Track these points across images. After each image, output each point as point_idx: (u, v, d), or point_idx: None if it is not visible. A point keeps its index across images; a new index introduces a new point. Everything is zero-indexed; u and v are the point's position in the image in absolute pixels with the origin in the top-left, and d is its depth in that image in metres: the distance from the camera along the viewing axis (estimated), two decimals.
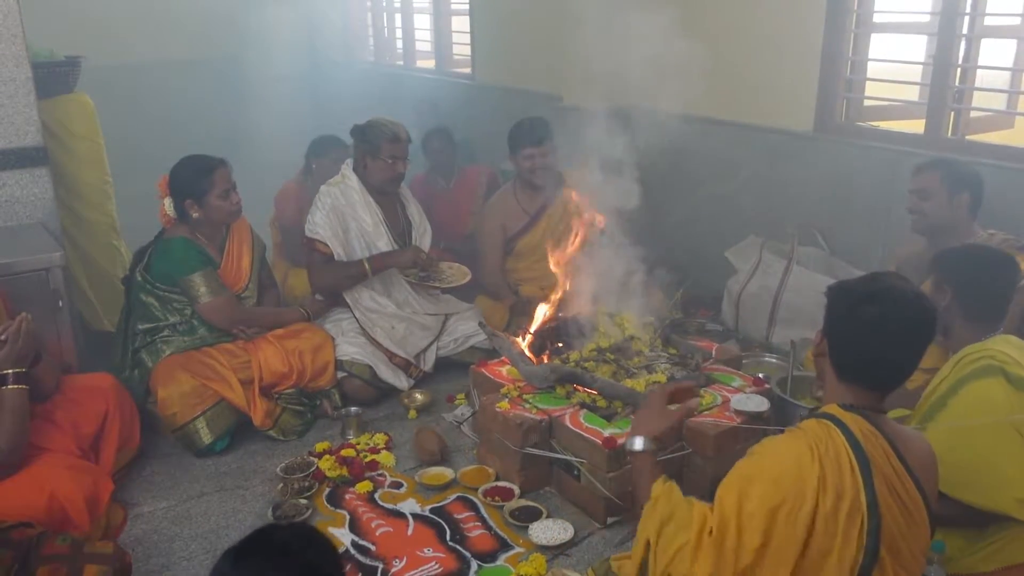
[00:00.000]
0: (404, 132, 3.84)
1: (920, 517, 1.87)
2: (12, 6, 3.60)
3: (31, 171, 3.74)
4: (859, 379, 1.91)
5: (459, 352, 3.96)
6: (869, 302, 1.87)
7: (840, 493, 1.77)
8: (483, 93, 6.19)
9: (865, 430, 1.85)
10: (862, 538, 1.77)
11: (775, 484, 1.79)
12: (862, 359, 1.90)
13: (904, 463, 1.86)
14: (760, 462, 1.86)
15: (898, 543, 1.82)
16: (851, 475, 1.78)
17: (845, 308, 1.92)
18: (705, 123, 4.41)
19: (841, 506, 1.76)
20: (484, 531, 2.79)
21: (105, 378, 3.13)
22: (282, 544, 1.49)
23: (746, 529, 1.79)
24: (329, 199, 3.80)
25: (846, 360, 1.92)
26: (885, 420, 1.92)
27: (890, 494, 1.81)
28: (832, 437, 1.83)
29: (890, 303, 1.85)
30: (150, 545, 2.77)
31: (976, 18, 3.53)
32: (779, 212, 4.23)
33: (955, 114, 3.64)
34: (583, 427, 2.88)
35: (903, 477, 1.85)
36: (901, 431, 1.94)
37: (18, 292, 3.13)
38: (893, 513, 1.81)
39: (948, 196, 3.13)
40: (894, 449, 1.86)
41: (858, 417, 1.87)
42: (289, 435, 3.43)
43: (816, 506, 1.76)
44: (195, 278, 3.38)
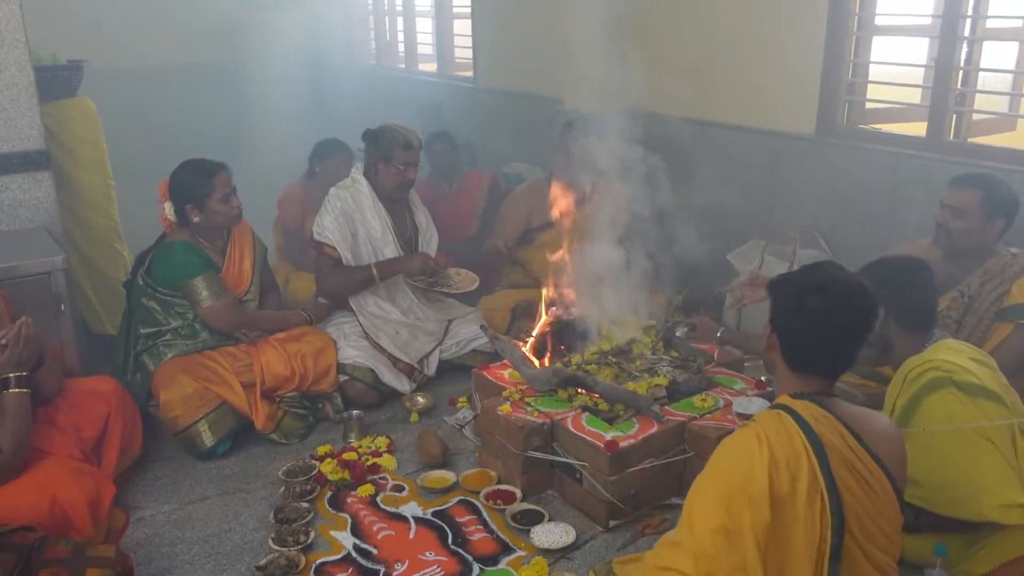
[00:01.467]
0: (416, 139, 3.83)
1: (885, 492, 1.91)
2: (15, 10, 3.61)
3: (33, 175, 3.75)
4: (810, 369, 1.99)
5: (461, 355, 3.96)
6: (815, 294, 1.93)
7: (795, 474, 1.82)
8: (485, 96, 6.20)
9: (816, 414, 1.91)
10: (826, 517, 1.82)
11: (723, 473, 1.87)
12: (812, 350, 1.97)
13: (860, 441, 1.91)
14: (714, 458, 1.94)
15: (864, 520, 1.87)
16: (806, 457, 1.84)
17: (792, 301, 1.98)
18: (707, 126, 4.41)
19: (798, 487, 1.81)
20: (486, 534, 2.79)
21: (107, 381, 3.13)
22: None
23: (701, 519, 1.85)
24: (339, 202, 3.79)
25: (797, 352, 1.99)
26: (836, 403, 1.98)
27: (849, 473, 1.87)
28: (782, 422, 1.89)
29: (835, 293, 1.92)
30: (152, 549, 2.77)
31: (978, 21, 3.53)
32: (781, 215, 4.23)
33: (957, 117, 3.64)
34: (585, 430, 2.88)
35: (860, 454, 1.90)
36: (854, 411, 1.99)
37: (20, 295, 3.13)
38: (854, 491, 1.86)
39: (983, 220, 2.94)
40: (848, 429, 1.91)
41: (808, 403, 1.94)
42: (291, 438, 3.43)
43: (771, 486, 1.80)
44: (197, 282, 3.38)
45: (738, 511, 1.80)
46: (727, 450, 1.92)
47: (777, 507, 1.80)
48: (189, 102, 7.78)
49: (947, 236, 3.02)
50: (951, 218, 2.99)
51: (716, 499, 1.84)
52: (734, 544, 1.80)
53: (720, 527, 1.82)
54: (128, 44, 7.58)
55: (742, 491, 1.81)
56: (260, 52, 7.83)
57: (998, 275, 2.92)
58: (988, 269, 2.95)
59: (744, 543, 1.79)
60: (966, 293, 2.97)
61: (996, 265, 2.95)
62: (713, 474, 1.90)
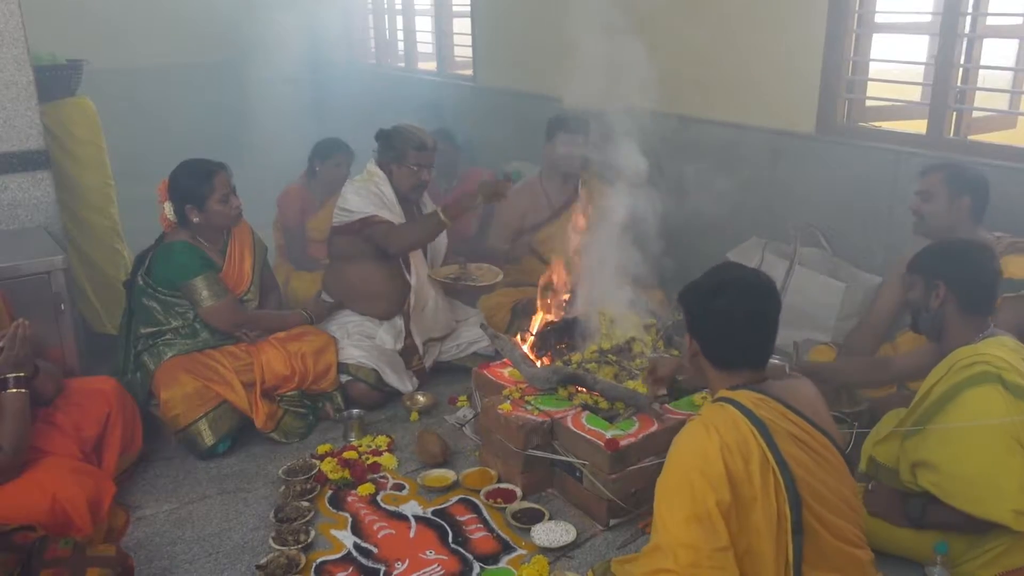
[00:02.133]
0: (431, 140, 3.80)
1: (834, 459, 2.02)
2: (14, 10, 3.60)
3: (33, 174, 3.74)
4: (734, 364, 2.10)
5: (461, 358, 3.97)
6: (716, 296, 2.07)
7: (746, 456, 1.91)
8: (485, 95, 6.19)
9: (754, 399, 2.01)
10: (781, 493, 1.90)
11: (680, 465, 1.96)
12: (729, 347, 2.10)
13: (800, 414, 2.01)
14: (669, 456, 2.03)
15: (819, 490, 1.95)
16: (753, 439, 1.93)
17: (698, 307, 2.12)
18: (706, 124, 4.41)
19: (751, 468, 1.90)
20: (486, 533, 2.79)
21: (107, 381, 3.13)
22: None
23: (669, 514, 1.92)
24: (363, 185, 3.74)
25: (716, 352, 2.12)
26: (769, 384, 2.08)
27: (797, 447, 1.96)
28: (726, 412, 1.99)
29: (734, 291, 2.06)
30: (152, 548, 2.78)
31: (978, 18, 3.52)
32: (781, 213, 4.23)
33: (957, 114, 3.63)
34: (585, 429, 2.88)
35: (804, 427, 2.00)
36: (785, 387, 2.10)
37: (20, 295, 3.13)
38: (805, 464, 1.95)
39: (948, 199, 3.10)
40: (787, 406, 2.01)
41: (746, 391, 2.04)
42: (291, 438, 3.43)
43: (727, 468, 1.88)
44: (197, 282, 3.38)
45: (702, 495, 1.87)
46: (679, 445, 2.01)
47: (735, 488, 1.88)
48: (188, 102, 7.77)
49: (921, 220, 3.20)
50: (921, 203, 3.18)
51: (679, 491, 1.91)
52: (706, 527, 1.87)
53: (690, 515, 1.88)
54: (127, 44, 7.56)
55: (701, 475, 1.88)
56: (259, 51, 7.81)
57: None
58: None
59: (715, 524, 1.86)
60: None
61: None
62: (671, 470, 1.99)
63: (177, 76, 7.86)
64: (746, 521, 1.89)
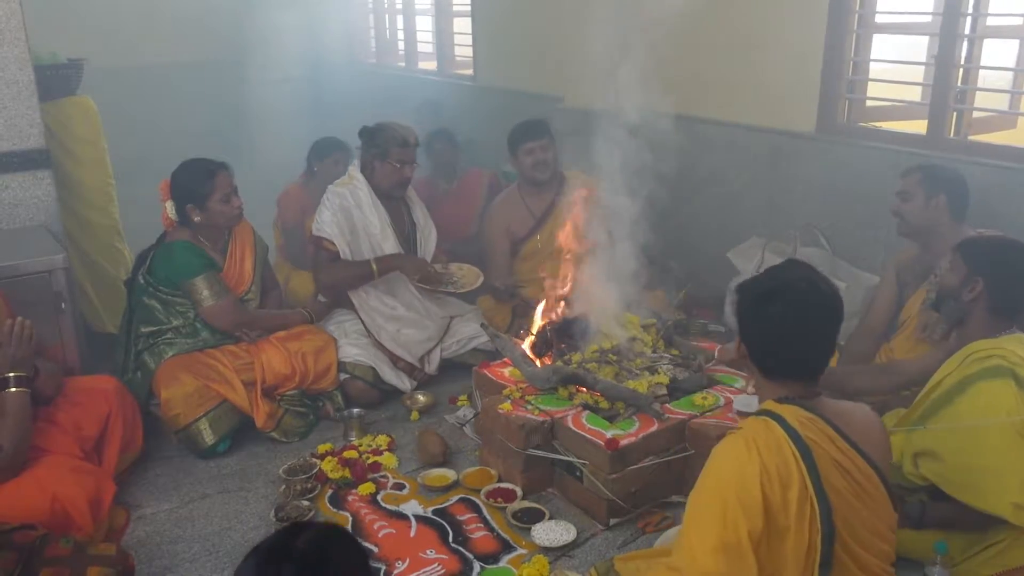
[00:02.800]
0: (413, 136, 3.84)
1: (876, 490, 1.89)
2: (15, 9, 3.60)
3: (34, 173, 3.75)
4: (782, 374, 1.97)
5: (461, 354, 3.96)
6: (769, 301, 1.92)
7: (786, 483, 1.80)
8: (485, 95, 6.19)
9: (802, 418, 1.88)
10: (815, 523, 1.79)
11: (716, 484, 1.84)
12: (778, 355, 1.96)
13: (849, 440, 1.89)
14: (705, 470, 1.91)
15: (855, 525, 1.85)
16: (794, 464, 1.81)
17: (749, 310, 1.97)
18: (706, 124, 4.41)
19: (789, 496, 1.79)
20: (487, 533, 2.79)
21: (108, 380, 3.13)
22: (307, 551, 1.40)
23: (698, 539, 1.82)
24: (337, 199, 3.80)
25: (764, 359, 1.98)
26: (822, 403, 1.95)
27: (840, 475, 1.84)
28: (771, 430, 1.87)
29: (788, 297, 1.91)
30: (153, 547, 2.77)
31: (978, 18, 3.52)
32: (781, 213, 4.23)
33: (957, 114, 3.63)
34: (585, 428, 2.88)
35: (850, 454, 1.87)
36: (841, 409, 1.97)
37: (21, 294, 3.13)
38: (844, 495, 1.84)
39: (925, 198, 3.15)
40: (836, 430, 1.89)
41: (794, 407, 1.91)
42: (291, 437, 3.43)
43: (764, 496, 1.78)
44: (197, 281, 3.38)
45: (733, 522, 1.78)
46: (718, 461, 1.89)
47: (770, 517, 1.79)
48: (189, 101, 7.78)
49: (901, 220, 3.26)
50: (900, 203, 3.24)
51: (710, 511, 1.82)
52: (733, 558, 1.78)
53: (719, 544, 1.78)
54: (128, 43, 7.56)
55: (736, 500, 1.79)
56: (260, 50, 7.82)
57: None
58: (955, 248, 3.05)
59: (743, 557, 1.77)
60: (938, 273, 3.07)
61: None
62: (706, 486, 1.88)
63: (178, 75, 7.86)
64: (776, 551, 1.80)
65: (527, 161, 4.14)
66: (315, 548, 1.41)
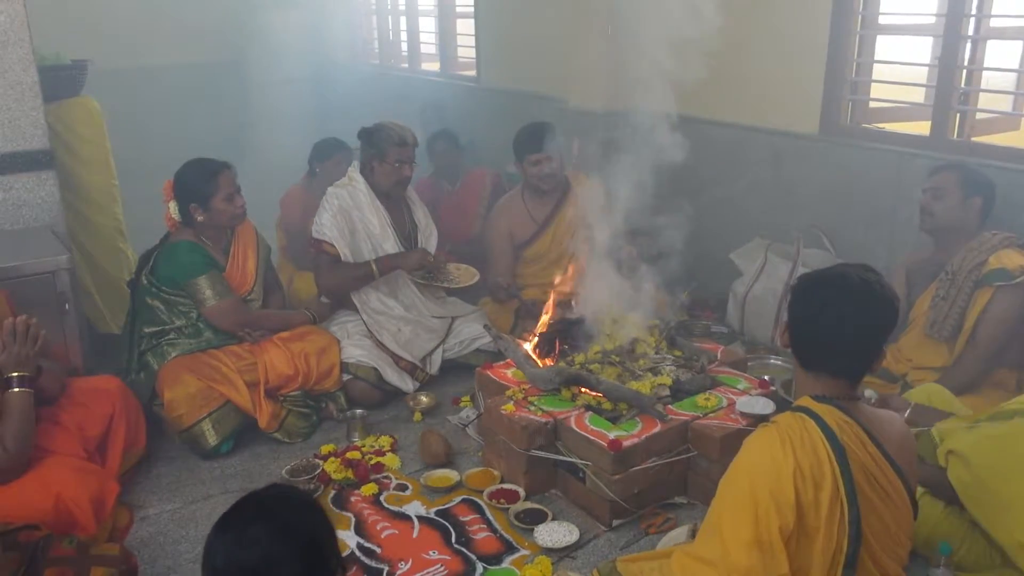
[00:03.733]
0: (411, 136, 3.84)
1: (900, 499, 1.90)
2: (19, 10, 3.61)
3: (37, 174, 3.75)
4: (821, 367, 1.95)
5: (464, 354, 3.96)
6: (822, 286, 1.92)
7: (818, 483, 1.80)
8: (488, 96, 6.20)
9: (839, 420, 1.87)
10: (844, 525, 1.80)
11: (750, 478, 1.83)
12: (818, 347, 1.94)
13: (880, 448, 1.89)
14: (739, 461, 1.90)
15: (879, 530, 1.85)
16: (828, 465, 1.81)
17: (799, 293, 1.97)
18: (710, 125, 4.41)
19: (821, 496, 1.79)
20: (489, 533, 2.79)
21: (111, 380, 3.14)
22: (259, 506, 1.57)
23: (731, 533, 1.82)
24: (336, 200, 3.81)
25: (804, 349, 1.97)
26: (859, 407, 1.94)
27: (867, 481, 1.84)
28: (807, 429, 1.86)
29: (837, 289, 1.89)
30: (156, 547, 2.78)
31: (981, 20, 3.52)
32: (784, 214, 4.23)
33: (960, 116, 3.63)
34: (588, 429, 2.88)
35: (880, 462, 1.87)
36: (876, 416, 1.96)
37: (25, 295, 3.14)
38: (872, 500, 1.84)
39: (961, 198, 3.17)
40: (870, 436, 1.89)
41: (832, 408, 1.89)
42: (294, 437, 3.44)
43: (796, 495, 1.78)
44: (200, 281, 3.38)
45: (766, 518, 1.78)
46: (752, 454, 1.87)
47: (802, 516, 1.79)
48: (192, 102, 7.78)
49: (930, 217, 3.23)
50: (932, 200, 3.22)
51: (744, 508, 1.81)
52: (767, 554, 1.78)
53: (752, 540, 1.78)
54: (132, 44, 7.58)
55: (769, 496, 1.78)
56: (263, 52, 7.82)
57: (976, 249, 3.10)
58: (970, 247, 3.13)
59: (776, 551, 1.77)
60: (950, 271, 3.14)
61: (976, 242, 3.13)
62: (739, 478, 1.86)
63: (181, 76, 7.87)
64: (804, 550, 1.80)
65: (533, 171, 4.12)
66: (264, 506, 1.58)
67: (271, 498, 1.59)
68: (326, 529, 1.61)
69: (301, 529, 1.55)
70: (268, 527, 1.52)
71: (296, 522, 1.55)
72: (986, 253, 3.06)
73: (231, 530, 1.54)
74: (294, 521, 1.55)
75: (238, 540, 1.52)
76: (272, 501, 1.58)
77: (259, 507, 1.56)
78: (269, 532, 1.51)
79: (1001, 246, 3.06)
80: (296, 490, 1.68)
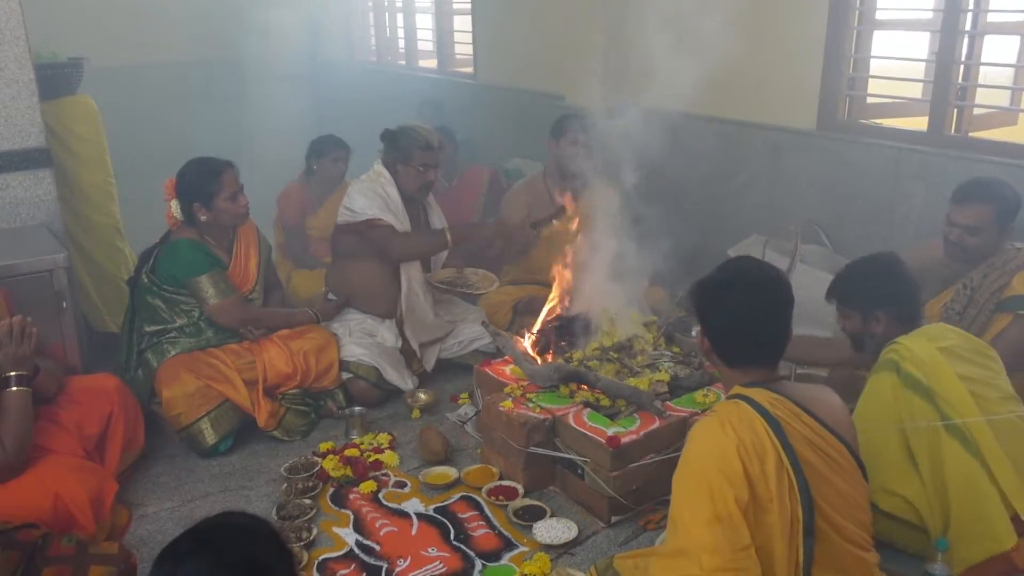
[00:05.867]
0: (437, 139, 3.80)
1: (848, 464, 1.99)
2: (15, 8, 3.60)
3: (34, 173, 3.74)
4: (745, 361, 2.08)
5: (462, 355, 3.97)
6: (725, 292, 2.05)
7: (762, 456, 1.89)
8: (485, 93, 6.19)
9: (770, 398, 1.98)
10: (794, 495, 1.88)
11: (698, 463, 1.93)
12: (740, 344, 2.07)
13: (815, 417, 1.98)
14: (684, 453, 1.99)
15: (831, 495, 1.93)
16: (767, 438, 1.91)
17: (707, 303, 2.10)
18: (707, 121, 4.40)
19: (767, 468, 1.88)
20: (488, 530, 2.79)
21: (109, 379, 3.13)
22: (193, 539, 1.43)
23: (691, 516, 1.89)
24: (370, 185, 3.74)
25: (728, 349, 2.09)
26: (785, 385, 2.06)
27: (811, 449, 1.94)
28: (741, 409, 1.96)
29: (743, 286, 2.04)
30: (155, 546, 2.77)
31: (979, 15, 3.52)
32: (782, 210, 4.23)
33: (958, 111, 3.63)
34: (587, 426, 2.88)
35: (818, 430, 1.97)
36: (804, 390, 2.08)
37: (22, 294, 3.14)
38: (818, 468, 1.93)
39: (999, 230, 2.94)
40: (802, 408, 1.98)
41: (761, 390, 2.01)
42: (293, 435, 3.44)
43: (744, 467, 1.87)
44: (203, 280, 3.38)
45: (721, 494, 1.86)
46: (696, 441, 1.98)
47: (753, 488, 1.87)
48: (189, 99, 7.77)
49: (961, 252, 2.99)
50: (966, 236, 2.96)
51: (698, 491, 1.89)
52: (727, 527, 1.85)
53: (712, 516, 1.86)
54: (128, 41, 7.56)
55: (719, 474, 1.87)
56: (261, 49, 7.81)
57: (1000, 267, 2.95)
58: (992, 263, 2.97)
59: (736, 523, 1.85)
60: (968, 285, 2.99)
61: (999, 259, 2.97)
62: (688, 469, 1.96)
63: (178, 74, 7.86)
64: (762, 521, 1.87)
65: (567, 149, 4.02)
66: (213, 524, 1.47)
67: (207, 530, 1.46)
68: (273, 555, 1.47)
69: (239, 561, 1.42)
70: (201, 562, 1.40)
71: (233, 554, 1.42)
72: (1010, 274, 2.90)
73: (164, 567, 1.42)
74: (231, 552, 1.42)
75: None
76: (208, 533, 1.45)
77: (193, 540, 1.43)
78: (202, 569, 1.39)
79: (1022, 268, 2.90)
80: (239, 516, 1.53)
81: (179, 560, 1.40)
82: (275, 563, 1.46)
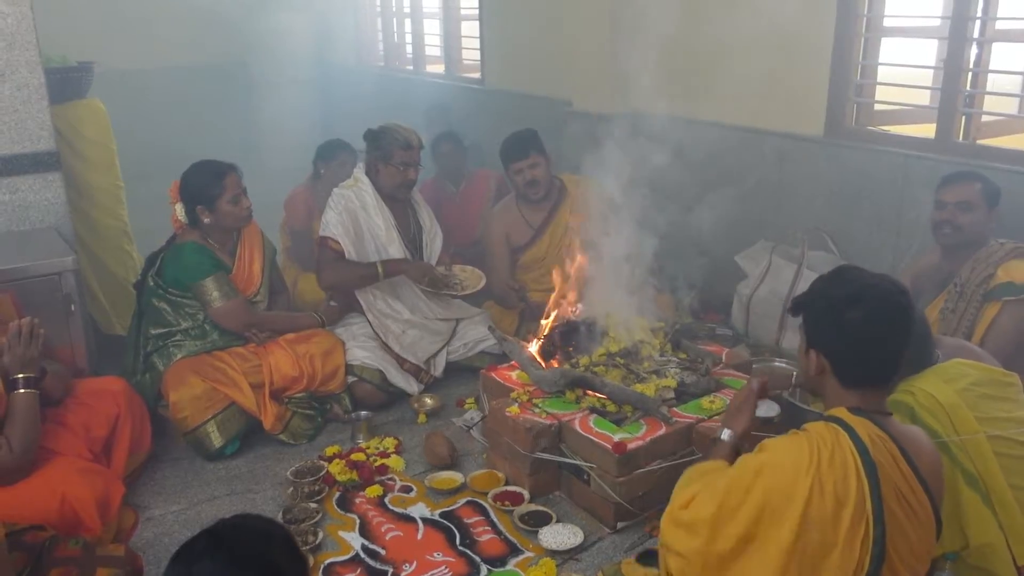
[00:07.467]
0: (416, 138, 3.84)
1: (926, 518, 1.86)
2: (26, 12, 3.62)
3: (44, 176, 3.76)
4: (865, 382, 1.91)
5: (469, 357, 3.97)
6: (852, 306, 1.86)
7: (841, 500, 1.76)
8: (492, 98, 6.20)
9: (873, 434, 1.83)
10: (867, 544, 1.76)
11: (767, 484, 1.81)
12: (864, 363, 1.89)
13: (912, 465, 1.85)
14: (761, 459, 1.87)
15: (902, 548, 1.82)
16: (856, 482, 1.77)
17: (829, 319, 1.90)
18: (715, 127, 4.41)
19: (842, 513, 1.76)
20: (494, 535, 2.79)
21: (116, 382, 3.14)
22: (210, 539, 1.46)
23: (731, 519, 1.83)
24: (343, 201, 3.80)
25: (849, 369, 1.91)
26: (891, 422, 1.91)
27: (896, 500, 1.80)
28: (840, 442, 1.81)
29: (872, 300, 1.85)
30: (161, 548, 2.78)
31: (987, 22, 3.51)
32: (789, 216, 4.22)
33: (966, 118, 3.62)
34: (593, 432, 2.88)
35: (911, 480, 1.83)
36: (908, 432, 1.93)
37: (31, 296, 3.15)
38: (899, 519, 1.80)
39: (987, 210, 3.09)
40: (902, 453, 1.85)
41: (866, 421, 1.85)
42: (299, 439, 3.44)
43: (805, 511, 1.75)
44: (207, 283, 3.39)
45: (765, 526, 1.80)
46: (775, 454, 1.85)
47: (807, 528, 1.76)
48: (198, 103, 7.81)
49: (956, 231, 3.12)
50: (960, 213, 3.10)
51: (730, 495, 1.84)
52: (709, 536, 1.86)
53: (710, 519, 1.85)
54: (138, 46, 7.61)
55: (775, 508, 1.78)
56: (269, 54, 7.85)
57: (984, 260, 3.05)
58: (978, 257, 3.08)
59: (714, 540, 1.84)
60: (959, 283, 3.10)
61: (984, 253, 3.08)
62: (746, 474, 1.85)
63: (187, 78, 7.90)
64: (817, 566, 1.77)
65: (518, 180, 4.13)
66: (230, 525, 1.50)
67: (224, 529, 1.49)
68: (287, 557, 1.51)
69: (254, 561, 1.45)
70: (217, 562, 1.42)
71: (248, 554, 1.45)
72: (994, 265, 3.00)
73: (180, 565, 1.44)
74: (246, 553, 1.45)
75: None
76: (224, 533, 1.48)
77: (210, 540, 1.46)
78: (218, 567, 1.42)
79: (1009, 257, 3.01)
80: (256, 519, 1.57)
81: (196, 558, 1.43)
82: (289, 566, 1.49)
